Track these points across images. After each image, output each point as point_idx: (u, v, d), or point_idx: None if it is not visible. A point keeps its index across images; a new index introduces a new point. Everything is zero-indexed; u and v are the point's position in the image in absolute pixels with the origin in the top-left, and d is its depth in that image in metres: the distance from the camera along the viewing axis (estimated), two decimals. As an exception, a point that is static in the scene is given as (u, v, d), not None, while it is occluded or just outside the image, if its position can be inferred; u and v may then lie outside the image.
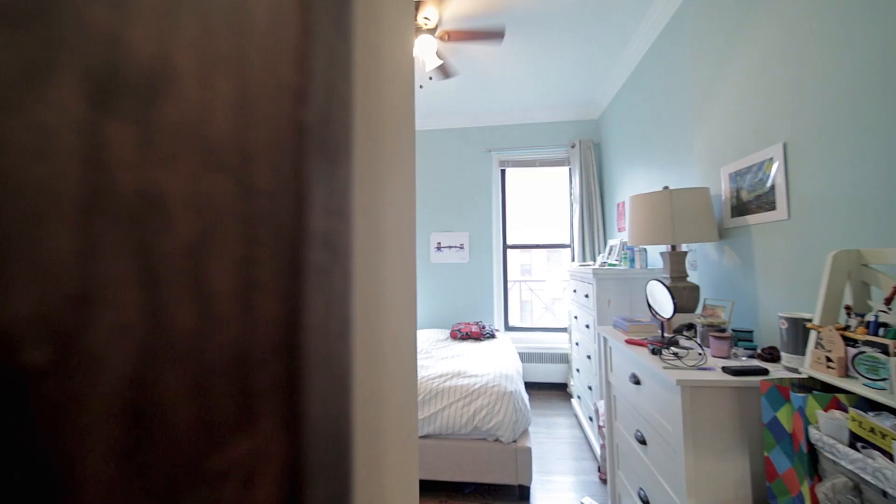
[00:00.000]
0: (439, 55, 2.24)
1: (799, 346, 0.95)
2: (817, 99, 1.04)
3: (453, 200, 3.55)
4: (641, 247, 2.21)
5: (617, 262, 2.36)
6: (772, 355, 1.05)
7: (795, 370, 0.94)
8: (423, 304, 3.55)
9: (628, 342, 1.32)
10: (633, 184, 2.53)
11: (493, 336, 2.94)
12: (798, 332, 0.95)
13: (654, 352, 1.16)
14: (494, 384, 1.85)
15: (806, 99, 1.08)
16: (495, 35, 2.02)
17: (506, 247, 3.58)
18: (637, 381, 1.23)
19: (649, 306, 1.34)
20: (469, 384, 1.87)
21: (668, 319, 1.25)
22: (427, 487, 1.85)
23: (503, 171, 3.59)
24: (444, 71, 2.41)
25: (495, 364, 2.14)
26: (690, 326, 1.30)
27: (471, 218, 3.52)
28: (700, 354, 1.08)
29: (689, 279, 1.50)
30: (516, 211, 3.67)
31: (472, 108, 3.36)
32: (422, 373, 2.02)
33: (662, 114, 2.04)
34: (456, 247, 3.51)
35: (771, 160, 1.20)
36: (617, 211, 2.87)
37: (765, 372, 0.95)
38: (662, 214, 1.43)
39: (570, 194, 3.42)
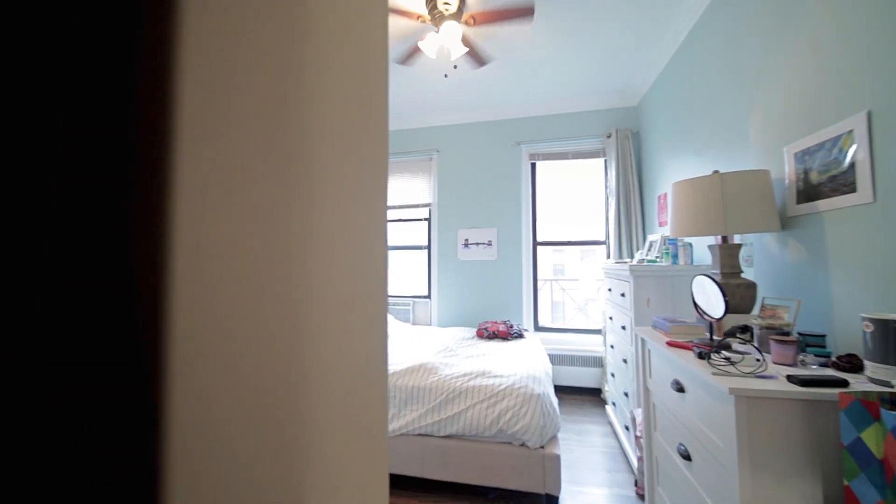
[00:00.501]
0: (468, 42, 2.14)
1: (889, 354, 0.78)
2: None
3: (481, 196, 3.46)
4: (686, 241, 2.01)
5: (657, 259, 2.17)
6: (851, 364, 0.89)
7: (886, 383, 0.77)
8: (449, 302, 3.49)
9: (670, 344, 1.18)
10: (676, 174, 2.31)
11: (521, 336, 2.83)
12: (888, 336, 0.79)
13: (701, 356, 1.02)
14: (521, 385, 1.75)
15: (897, 57, 0.89)
16: (524, 12, 1.87)
17: (535, 243, 3.44)
18: (680, 389, 1.10)
19: (695, 305, 1.19)
20: (494, 384, 1.78)
21: (719, 320, 1.10)
22: (449, 489, 1.79)
23: (533, 165, 3.44)
24: (477, 58, 2.30)
25: (523, 365, 2.03)
26: (745, 329, 1.14)
27: (499, 214, 3.41)
28: (758, 360, 0.93)
29: (743, 275, 1.32)
30: (547, 206, 3.50)
31: (499, 99, 3.24)
32: (445, 371, 1.96)
33: (712, 93, 1.84)
34: (484, 243, 3.41)
35: (850, 133, 1.02)
36: (658, 204, 2.65)
37: (843, 383, 0.80)
38: (712, 201, 1.26)
39: (606, 187, 3.21)
